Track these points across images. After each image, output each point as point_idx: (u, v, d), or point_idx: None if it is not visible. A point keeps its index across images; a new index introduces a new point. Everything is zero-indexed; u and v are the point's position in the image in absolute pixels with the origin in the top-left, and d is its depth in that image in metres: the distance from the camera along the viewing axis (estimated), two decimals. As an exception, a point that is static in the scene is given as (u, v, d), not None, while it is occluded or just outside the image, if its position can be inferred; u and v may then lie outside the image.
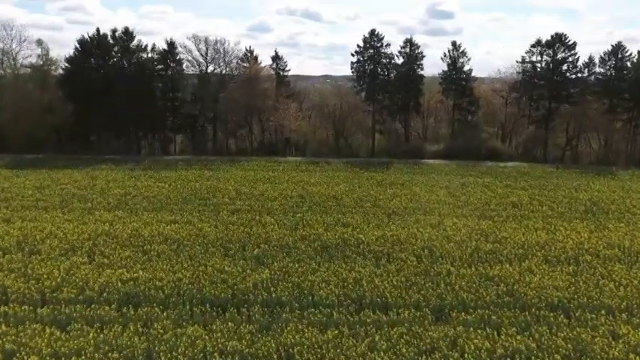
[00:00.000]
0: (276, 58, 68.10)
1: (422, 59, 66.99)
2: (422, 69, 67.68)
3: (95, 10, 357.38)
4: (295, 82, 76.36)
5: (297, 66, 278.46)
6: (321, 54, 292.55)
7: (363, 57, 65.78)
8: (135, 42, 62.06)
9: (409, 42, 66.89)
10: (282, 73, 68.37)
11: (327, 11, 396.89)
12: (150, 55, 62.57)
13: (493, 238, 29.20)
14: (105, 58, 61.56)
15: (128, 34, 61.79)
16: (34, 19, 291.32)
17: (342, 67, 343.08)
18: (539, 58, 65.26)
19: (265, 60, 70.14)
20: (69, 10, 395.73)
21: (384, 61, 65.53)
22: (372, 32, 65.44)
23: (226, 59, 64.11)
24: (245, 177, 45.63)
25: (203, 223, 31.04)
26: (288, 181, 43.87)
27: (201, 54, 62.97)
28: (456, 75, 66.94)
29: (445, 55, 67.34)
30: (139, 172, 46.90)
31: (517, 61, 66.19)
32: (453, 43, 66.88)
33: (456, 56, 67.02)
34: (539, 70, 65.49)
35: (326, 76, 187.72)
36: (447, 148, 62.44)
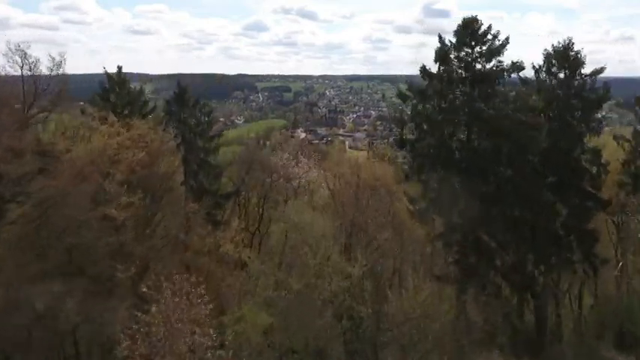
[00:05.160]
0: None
1: (607, 100, 23.24)
2: (598, 130, 24.01)
3: (90, 9, 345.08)
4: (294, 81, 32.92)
5: (295, 65, 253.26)
6: (319, 53, 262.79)
7: (440, 94, 20.71)
8: None
9: (568, 50, 23.01)
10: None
11: (323, 10, 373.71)
12: None
13: None
14: None
15: None
16: (29, 18, 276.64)
17: (340, 66, 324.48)
18: None
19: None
20: (63, 9, 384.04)
21: (512, 106, 20.47)
22: (470, 21, 20.35)
23: None
24: None
25: None
26: None
27: None
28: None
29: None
30: None
31: None
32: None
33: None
34: None
35: (324, 76, 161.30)
36: None
